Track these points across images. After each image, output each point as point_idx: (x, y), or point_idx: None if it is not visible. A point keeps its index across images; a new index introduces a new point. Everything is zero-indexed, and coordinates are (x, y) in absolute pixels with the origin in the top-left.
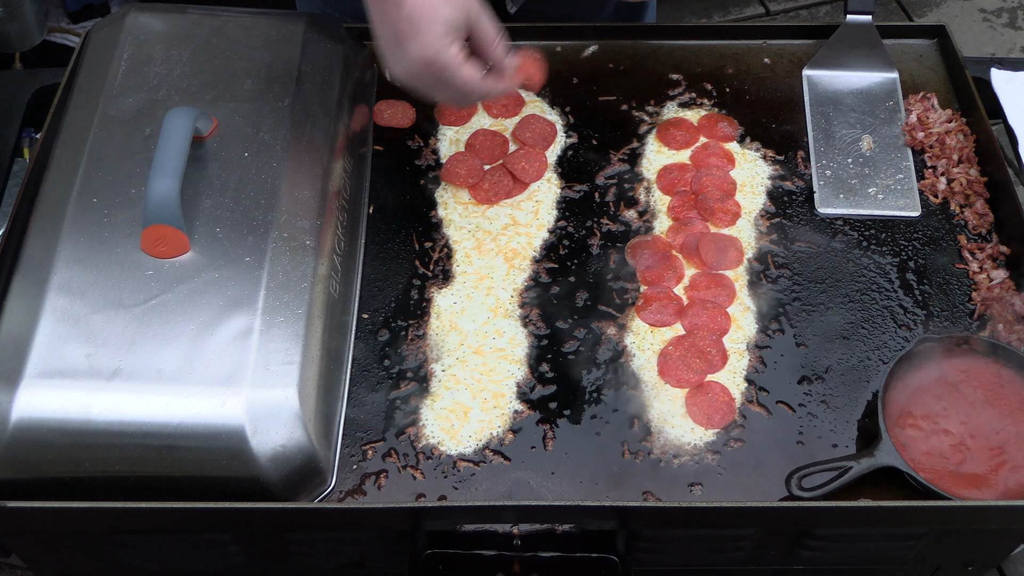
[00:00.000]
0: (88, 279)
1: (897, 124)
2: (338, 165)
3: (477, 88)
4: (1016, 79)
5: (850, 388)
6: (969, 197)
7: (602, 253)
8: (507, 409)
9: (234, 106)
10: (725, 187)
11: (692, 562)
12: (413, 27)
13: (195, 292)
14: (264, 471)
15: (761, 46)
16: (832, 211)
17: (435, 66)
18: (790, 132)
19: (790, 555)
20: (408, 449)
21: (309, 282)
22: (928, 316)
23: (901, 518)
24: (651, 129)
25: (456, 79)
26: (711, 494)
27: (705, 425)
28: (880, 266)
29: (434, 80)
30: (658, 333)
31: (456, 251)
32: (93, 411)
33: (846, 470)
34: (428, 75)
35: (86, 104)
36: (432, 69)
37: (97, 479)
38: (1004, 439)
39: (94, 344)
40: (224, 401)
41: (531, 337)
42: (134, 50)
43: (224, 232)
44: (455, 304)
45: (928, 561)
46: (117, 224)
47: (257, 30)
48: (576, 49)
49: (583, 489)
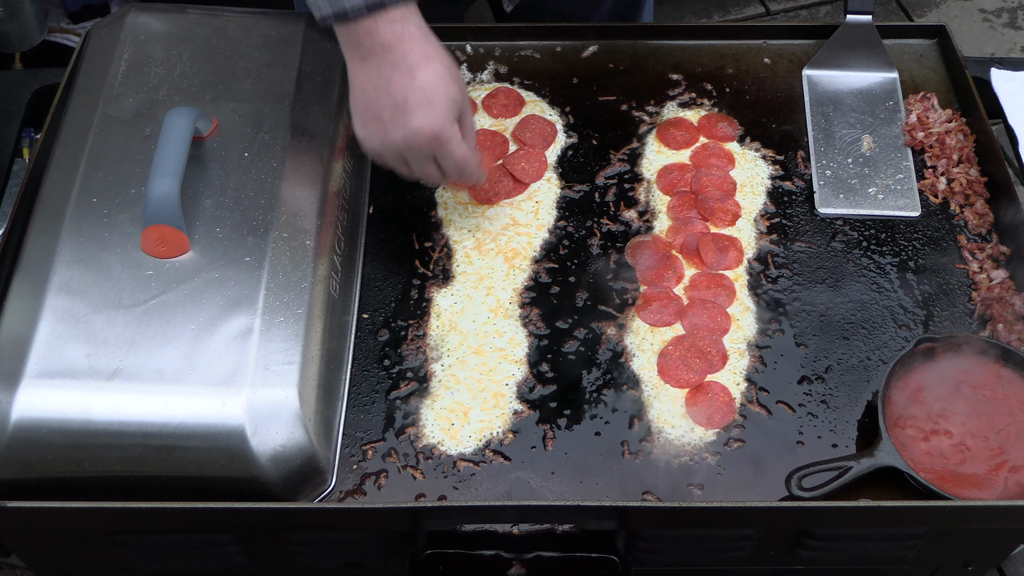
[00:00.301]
0: (88, 279)
1: (897, 124)
2: (338, 165)
3: (471, 165)
4: (1016, 79)
5: (850, 388)
6: (969, 197)
7: (602, 253)
8: (507, 409)
9: (234, 106)
10: (725, 187)
11: (692, 562)
12: (426, 99)
13: (195, 292)
14: (264, 471)
15: (761, 46)
16: (832, 211)
17: (439, 139)
18: (790, 132)
19: (790, 555)
20: (408, 449)
21: (309, 282)
22: (928, 316)
23: (901, 518)
24: (651, 129)
25: (456, 154)
26: (711, 494)
27: (705, 425)
28: (880, 266)
29: (427, 155)
30: (658, 333)
31: (456, 251)
32: (93, 411)
33: (846, 470)
34: (426, 149)
35: (86, 104)
36: (435, 141)
37: (97, 479)
38: (1004, 439)
39: (94, 344)
40: (224, 401)
41: (531, 337)
42: (134, 50)
43: (224, 232)
44: (455, 304)
45: (928, 561)
46: (117, 224)
47: (257, 30)
48: (576, 49)
49: (583, 489)
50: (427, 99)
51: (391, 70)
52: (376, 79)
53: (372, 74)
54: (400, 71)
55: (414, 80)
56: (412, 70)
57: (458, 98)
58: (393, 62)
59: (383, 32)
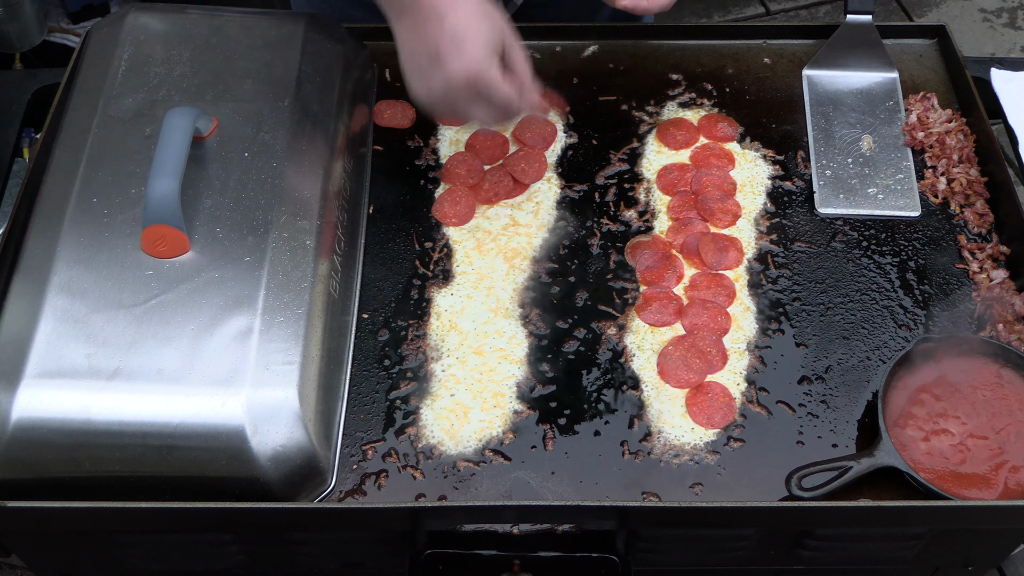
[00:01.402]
0: (88, 279)
1: (897, 124)
2: (338, 165)
3: (516, 103)
4: (1016, 79)
5: (850, 388)
6: (969, 197)
7: (602, 253)
8: (507, 409)
9: (234, 106)
10: (725, 187)
11: (692, 562)
12: (456, 43)
13: (195, 292)
14: (264, 471)
15: (761, 46)
16: (832, 211)
17: (478, 82)
18: (790, 132)
19: (790, 555)
20: (408, 449)
21: (309, 282)
22: (928, 316)
23: (901, 518)
24: (651, 129)
25: (498, 94)
26: (711, 494)
27: (705, 425)
28: (880, 266)
29: (471, 97)
30: (658, 333)
31: (456, 251)
32: (93, 411)
33: (846, 470)
34: (468, 92)
35: (86, 104)
36: (474, 85)
37: (97, 479)
38: (1004, 439)
39: (94, 344)
40: (224, 401)
41: (531, 337)
42: (134, 50)
43: (224, 232)
44: (455, 304)
45: (928, 561)
46: (117, 224)
47: (257, 30)
48: (576, 49)
49: (583, 489)
50: (457, 44)
51: (423, 20)
52: (412, 33)
53: (409, 29)
54: (431, 20)
55: (443, 26)
56: (441, 17)
57: (491, 36)
58: (424, 13)
59: None
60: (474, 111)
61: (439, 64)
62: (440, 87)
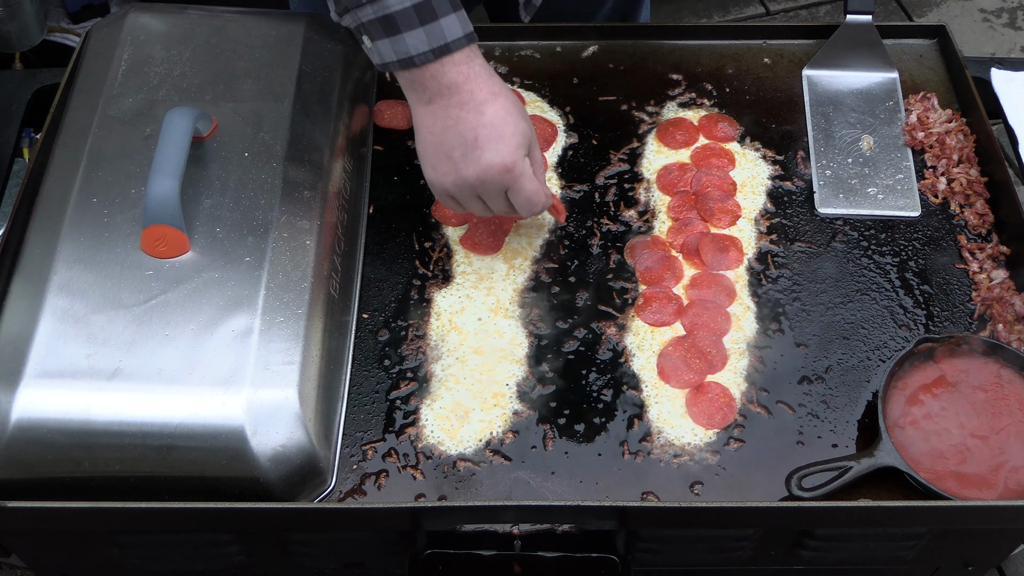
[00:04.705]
0: (88, 279)
1: (897, 124)
2: (338, 165)
3: (542, 200)
4: (1016, 79)
5: (850, 388)
6: (969, 197)
7: (602, 253)
8: (507, 409)
9: (234, 106)
10: (725, 187)
11: (692, 562)
12: (496, 134)
13: (195, 292)
14: (264, 471)
15: (761, 46)
16: (832, 211)
17: (512, 172)
18: (790, 132)
19: (790, 555)
20: (408, 449)
21: (309, 282)
22: (928, 316)
23: (901, 518)
24: (651, 129)
25: (527, 188)
26: (711, 494)
27: (705, 425)
28: (880, 266)
29: (498, 190)
30: (658, 333)
31: (456, 251)
32: (93, 411)
33: (846, 470)
34: (499, 182)
35: (86, 104)
36: (508, 175)
37: (97, 479)
38: (1004, 439)
39: (94, 344)
40: (224, 401)
41: (531, 337)
42: (134, 50)
43: (224, 232)
44: (455, 304)
45: (928, 561)
46: (117, 224)
47: (257, 30)
48: (576, 49)
49: (583, 489)
50: (497, 134)
51: (459, 109)
52: (444, 120)
53: (439, 115)
54: (468, 109)
55: (483, 116)
56: (480, 107)
57: (527, 132)
58: (460, 102)
59: (449, 74)
60: (495, 204)
61: (475, 153)
62: (472, 176)
